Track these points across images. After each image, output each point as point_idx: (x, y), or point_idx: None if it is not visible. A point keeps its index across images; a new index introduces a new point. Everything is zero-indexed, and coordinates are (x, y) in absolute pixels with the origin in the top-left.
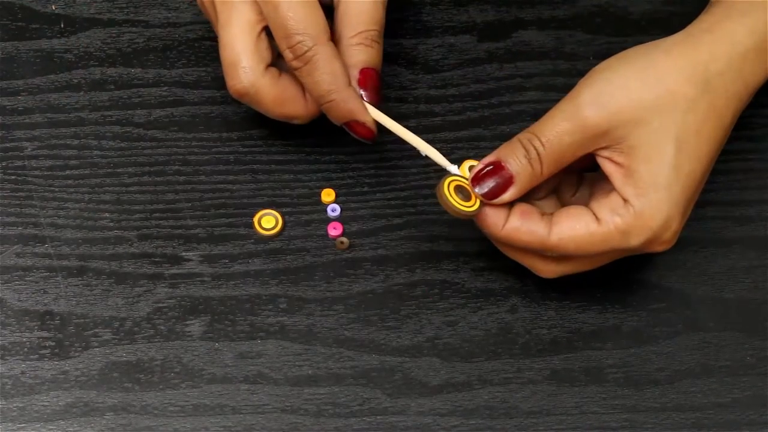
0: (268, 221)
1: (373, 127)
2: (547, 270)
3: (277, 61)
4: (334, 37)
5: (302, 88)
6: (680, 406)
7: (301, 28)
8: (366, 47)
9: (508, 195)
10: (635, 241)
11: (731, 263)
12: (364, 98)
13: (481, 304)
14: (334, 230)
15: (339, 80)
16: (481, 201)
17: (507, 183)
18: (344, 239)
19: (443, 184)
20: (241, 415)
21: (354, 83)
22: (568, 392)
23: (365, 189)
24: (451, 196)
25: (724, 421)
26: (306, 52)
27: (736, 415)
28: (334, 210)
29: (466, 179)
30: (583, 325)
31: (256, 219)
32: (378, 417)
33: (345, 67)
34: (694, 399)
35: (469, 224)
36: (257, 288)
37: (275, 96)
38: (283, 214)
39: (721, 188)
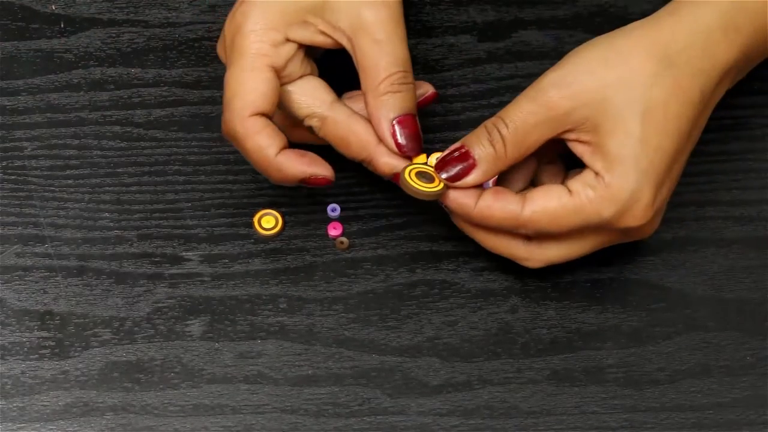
0: (268, 221)
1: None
2: (531, 257)
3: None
4: (362, 88)
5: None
6: (680, 406)
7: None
8: (394, 94)
9: (471, 178)
10: (607, 212)
11: (731, 263)
12: (404, 148)
13: (481, 304)
14: (334, 230)
15: (262, 156)
16: (445, 183)
17: (470, 166)
18: (344, 239)
19: (404, 170)
20: (241, 415)
21: (388, 136)
22: (568, 392)
23: (365, 189)
24: (412, 180)
25: (724, 421)
26: (228, 122)
27: (736, 415)
28: (334, 210)
29: (430, 167)
30: (583, 325)
31: (256, 219)
32: (378, 417)
33: (274, 137)
34: (694, 399)
35: None
36: (257, 288)
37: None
38: (283, 214)
39: (721, 188)
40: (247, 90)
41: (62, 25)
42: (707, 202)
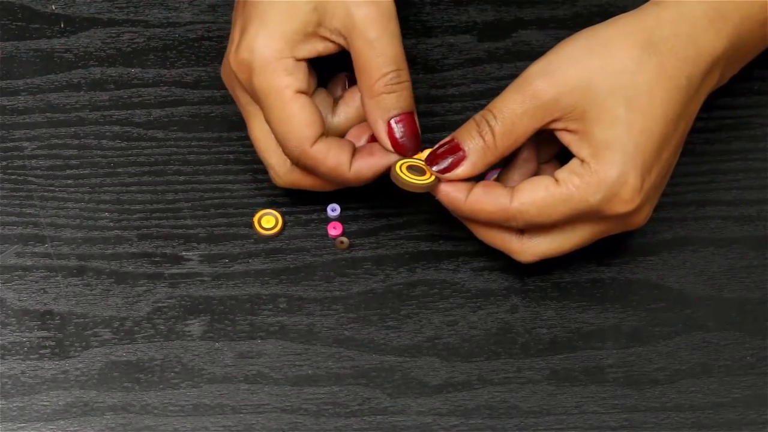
0: (268, 221)
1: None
2: (524, 251)
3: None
4: (359, 87)
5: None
6: (680, 405)
7: (291, 132)
8: (388, 94)
9: (461, 170)
10: (593, 198)
11: (731, 263)
12: (402, 146)
13: (480, 303)
14: (334, 230)
15: (338, 173)
16: (436, 176)
17: (460, 158)
18: (344, 239)
19: (395, 164)
20: (241, 415)
21: (384, 137)
22: (568, 392)
23: (365, 189)
24: (403, 173)
25: (724, 420)
26: (298, 159)
27: (736, 415)
28: (334, 210)
29: (421, 160)
30: (583, 325)
31: (256, 219)
32: (378, 417)
33: (341, 153)
34: (694, 399)
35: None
36: (257, 288)
37: (313, 182)
38: (283, 214)
39: (721, 188)
40: (294, 125)
41: (62, 25)
42: (707, 202)
